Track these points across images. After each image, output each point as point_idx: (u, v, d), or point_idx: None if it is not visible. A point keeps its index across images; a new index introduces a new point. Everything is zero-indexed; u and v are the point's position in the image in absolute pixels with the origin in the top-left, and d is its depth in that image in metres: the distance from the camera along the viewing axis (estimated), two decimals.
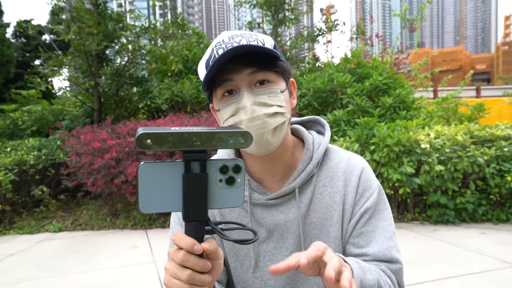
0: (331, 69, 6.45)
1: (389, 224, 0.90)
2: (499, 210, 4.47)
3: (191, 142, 0.52)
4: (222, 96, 0.83)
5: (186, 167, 0.55)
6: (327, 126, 1.00)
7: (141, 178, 0.54)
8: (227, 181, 0.58)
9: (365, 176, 0.92)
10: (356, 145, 4.45)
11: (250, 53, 0.78)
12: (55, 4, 6.95)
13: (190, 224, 0.57)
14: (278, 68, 0.83)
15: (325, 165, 0.93)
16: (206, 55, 0.84)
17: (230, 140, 0.54)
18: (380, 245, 0.86)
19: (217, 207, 0.59)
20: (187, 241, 0.56)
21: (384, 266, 0.85)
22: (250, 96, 0.79)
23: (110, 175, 4.64)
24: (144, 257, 3.80)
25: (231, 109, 0.81)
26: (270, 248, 0.90)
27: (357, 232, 0.88)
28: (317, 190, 0.90)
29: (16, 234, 4.89)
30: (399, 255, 0.88)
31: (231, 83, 0.80)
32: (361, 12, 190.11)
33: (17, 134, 7.23)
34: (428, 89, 11.32)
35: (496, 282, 2.92)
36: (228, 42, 0.80)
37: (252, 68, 0.80)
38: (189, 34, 7.10)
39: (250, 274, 0.91)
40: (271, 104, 0.80)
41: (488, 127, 4.80)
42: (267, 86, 0.81)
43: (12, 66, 12.91)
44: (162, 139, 0.51)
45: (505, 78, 36.20)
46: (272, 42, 0.85)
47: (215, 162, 0.57)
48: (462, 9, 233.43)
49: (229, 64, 0.78)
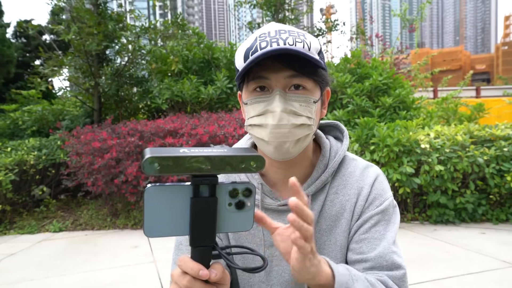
0: (331, 69, 6.45)
1: (392, 236, 0.86)
2: (499, 210, 4.48)
3: (201, 166, 0.50)
4: (254, 90, 0.80)
5: (194, 191, 0.52)
6: (346, 133, 0.96)
7: (147, 201, 0.51)
8: (237, 206, 0.55)
9: (377, 185, 0.89)
10: (356, 145, 4.45)
11: (293, 55, 0.74)
12: (55, 4, 6.94)
13: (196, 249, 0.54)
14: (318, 77, 0.80)
15: (339, 173, 0.90)
16: (248, 43, 0.80)
17: (242, 165, 0.52)
18: (380, 249, 0.82)
19: (226, 231, 0.56)
20: (192, 266, 0.54)
21: (386, 276, 0.79)
22: (282, 101, 0.76)
23: (110, 175, 4.64)
24: (144, 257, 3.80)
25: (260, 108, 0.78)
26: (278, 253, 0.88)
27: (360, 238, 0.85)
28: (329, 197, 0.88)
29: (16, 234, 4.90)
30: (401, 260, 0.83)
31: (266, 81, 0.78)
32: (361, 12, 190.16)
33: (17, 134, 7.23)
34: (428, 89, 11.34)
35: (496, 282, 2.92)
36: (274, 37, 0.76)
37: (291, 72, 0.77)
38: (189, 34, 7.10)
39: (257, 279, 0.90)
40: (301, 114, 0.77)
41: (488, 127, 4.81)
42: (302, 93, 0.78)
43: (12, 66, 12.90)
44: (171, 164, 0.48)
45: (505, 78, 36.19)
46: (318, 46, 0.81)
47: (224, 185, 0.55)
48: (462, 9, 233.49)
49: (269, 60, 0.75)
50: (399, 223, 0.89)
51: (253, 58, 0.74)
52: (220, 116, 5.28)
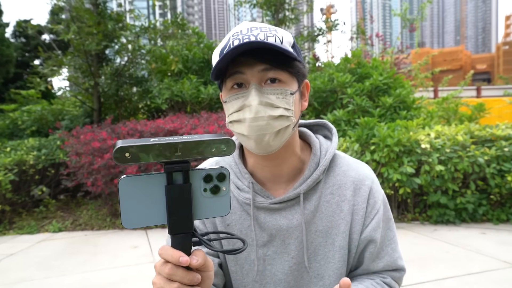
0: (331, 69, 6.44)
1: (394, 234, 0.94)
2: (499, 210, 4.47)
3: (172, 153, 0.51)
4: (231, 88, 0.81)
5: (168, 179, 0.53)
6: (335, 131, 0.98)
7: (122, 193, 0.52)
8: (212, 190, 0.56)
9: (375, 187, 0.92)
10: (356, 145, 4.44)
11: (265, 49, 0.76)
12: (54, 4, 6.95)
13: (175, 236, 0.55)
14: (292, 69, 0.81)
15: (332, 172, 0.91)
16: (222, 43, 0.82)
17: (213, 149, 0.53)
18: (388, 258, 0.91)
19: (204, 217, 0.57)
20: (172, 253, 0.54)
21: (390, 278, 0.91)
22: (258, 94, 0.77)
23: (110, 175, 4.64)
24: (144, 257, 3.80)
25: (237, 104, 0.79)
26: (271, 252, 0.89)
27: (370, 243, 0.90)
28: (324, 197, 0.89)
29: (16, 234, 4.89)
30: (403, 263, 0.93)
31: (242, 76, 0.79)
32: (361, 12, 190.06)
33: (17, 134, 7.23)
34: (428, 89, 11.32)
35: (496, 282, 2.91)
36: (246, 34, 0.78)
37: (265, 65, 0.78)
38: (189, 34, 7.10)
39: (250, 278, 0.90)
40: (278, 106, 0.78)
41: (489, 127, 4.79)
42: (278, 85, 0.79)
43: (11, 66, 12.90)
44: (141, 152, 0.49)
45: (506, 78, 36.16)
46: (291, 40, 0.83)
47: (198, 171, 0.56)
48: (463, 9, 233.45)
49: (243, 56, 0.77)
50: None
51: (226, 54, 0.75)
52: (220, 116, 5.27)
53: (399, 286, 0.92)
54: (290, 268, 0.88)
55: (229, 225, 0.90)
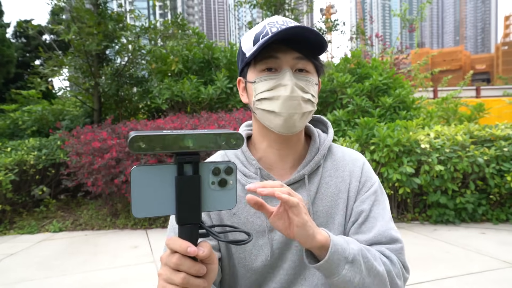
0: (331, 69, 6.45)
1: (387, 213, 0.95)
2: (499, 210, 4.48)
3: (184, 144, 0.53)
4: (262, 71, 0.86)
5: (178, 170, 0.55)
6: (330, 124, 1.05)
7: (133, 182, 0.54)
8: (220, 183, 0.58)
9: (366, 168, 0.99)
10: (356, 145, 4.45)
11: (301, 39, 0.82)
12: (55, 4, 6.94)
13: (183, 227, 0.56)
14: (318, 62, 0.90)
15: (330, 158, 0.99)
16: (256, 29, 0.88)
17: (223, 142, 0.55)
18: (379, 227, 0.89)
19: (210, 209, 0.58)
20: (180, 243, 0.55)
21: (384, 247, 0.87)
22: (292, 77, 0.84)
23: (110, 175, 4.64)
24: (144, 257, 3.80)
25: (270, 84, 0.85)
26: (278, 236, 0.91)
27: (358, 219, 0.91)
28: (323, 180, 0.95)
29: (16, 234, 4.89)
30: (398, 235, 0.91)
31: (276, 61, 0.85)
32: (361, 12, 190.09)
33: (17, 134, 7.23)
34: (428, 89, 11.34)
35: (496, 282, 2.92)
36: (283, 24, 0.84)
37: (299, 54, 0.85)
38: (189, 34, 7.09)
39: (260, 263, 0.92)
40: (307, 91, 0.86)
41: (488, 127, 4.80)
42: (306, 74, 0.87)
43: (12, 66, 12.90)
44: (154, 142, 0.51)
45: (505, 78, 36.19)
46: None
47: (207, 164, 0.57)
48: (462, 9, 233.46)
49: (281, 44, 0.83)
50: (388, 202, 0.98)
51: (273, 35, 0.80)
52: (220, 116, 5.27)
53: (399, 258, 0.87)
54: (297, 249, 0.91)
55: (235, 213, 0.92)
